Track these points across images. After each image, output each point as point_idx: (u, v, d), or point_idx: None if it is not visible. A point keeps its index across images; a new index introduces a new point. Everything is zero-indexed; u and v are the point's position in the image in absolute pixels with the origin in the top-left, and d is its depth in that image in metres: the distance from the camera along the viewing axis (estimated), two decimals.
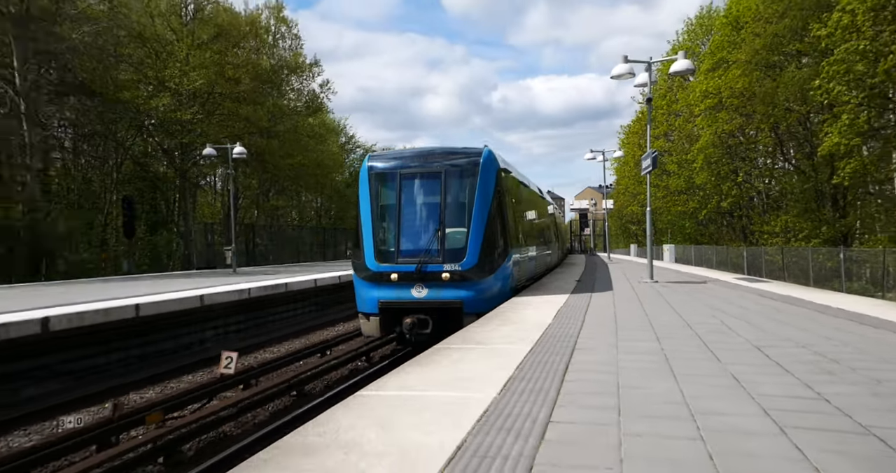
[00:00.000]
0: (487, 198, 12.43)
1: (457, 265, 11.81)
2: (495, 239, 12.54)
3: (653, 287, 16.51)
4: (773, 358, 6.47)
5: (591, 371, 5.98)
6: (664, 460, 3.50)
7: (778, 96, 27.80)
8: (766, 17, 28.48)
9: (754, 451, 3.64)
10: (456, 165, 12.66)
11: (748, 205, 38.59)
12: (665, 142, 42.69)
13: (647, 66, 17.89)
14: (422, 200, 12.78)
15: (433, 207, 12.52)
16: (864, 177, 25.20)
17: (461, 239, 12.13)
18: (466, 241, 12.05)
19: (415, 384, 5.56)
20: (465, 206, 12.37)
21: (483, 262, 12.04)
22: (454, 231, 12.30)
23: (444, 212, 12.33)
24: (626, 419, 4.31)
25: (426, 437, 3.98)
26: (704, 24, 42.54)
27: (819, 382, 5.39)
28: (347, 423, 4.29)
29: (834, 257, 18.90)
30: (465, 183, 12.57)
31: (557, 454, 3.64)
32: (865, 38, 20.04)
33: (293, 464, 3.50)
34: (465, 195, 12.49)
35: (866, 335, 8.17)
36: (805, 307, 11.53)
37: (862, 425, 4.16)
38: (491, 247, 12.33)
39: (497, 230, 12.60)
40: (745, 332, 8.34)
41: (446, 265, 11.87)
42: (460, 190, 12.60)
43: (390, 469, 3.40)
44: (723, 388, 5.18)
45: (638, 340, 7.78)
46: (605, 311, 10.89)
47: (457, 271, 11.80)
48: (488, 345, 7.53)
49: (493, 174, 12.76)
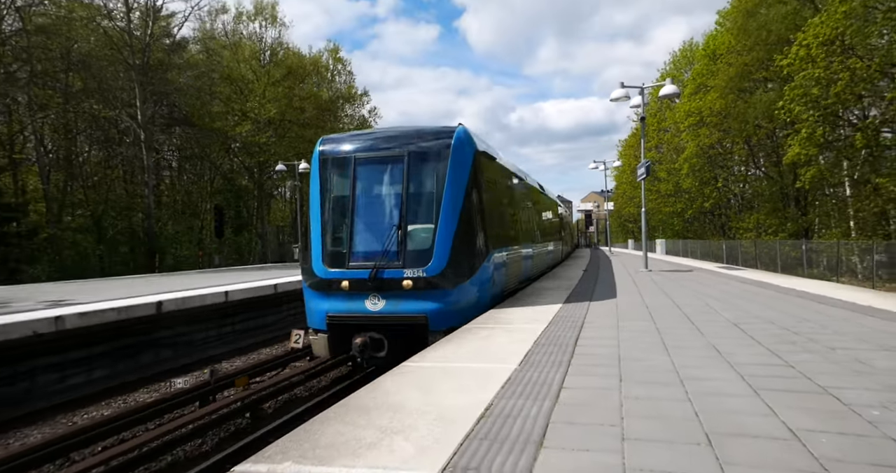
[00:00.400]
0: (461, 186, 8.63)
1: (421, 270, 8.20)
2: (471, 237, 8.76)
3: (647, 275, 16.35)
4: (747, 333, 6.43)
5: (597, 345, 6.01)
6: (658, 417, 3.53)
7: (749, 115, 27.86)
8: (737, 50, 28.58)
9: (733, 409, 3.66)
10: (422, 148, 8.86)
11: (726, 205, 38.38)
12: (656, 153, 42.30)
13: (641, 91, 17.78)
14: (380, 190, 9.04)
15: (394, 199, 8.79)
16: (822, 181, 25.12)
17: (427, 237, 8.44)
18: (433, 240, 8.32)
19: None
20: (434, 197, 8.62)
21: (454, 266, 8.32)
22: (419, 228, 8.63)
23: (406, 204, 8.56)
24: (626, 384, 4.36)
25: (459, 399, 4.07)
26: (687, 56, 42.40)
27: (785, 351, 5.36)
28: (394, 388, 4.39)
29: (797, 248, 18.66)
30: (433, 169, 8.77)
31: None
32: (819, 67, 20.14)
33: (351, 420, 3.62)
34: (434, 183, 8.73)
35: (823, 312, 8.05)
36: (774, 290, 11.35)
37: (820, 386, 4.16)
38: (465, 247, 8.54)
39: (474, 226, 8.85)
40: (724, 311, 8.26)
41: (408, 270, 8.23)
42: (427, 177, 8.83)
43: (431, 425, 3.48)
44: (706, 358, 5.18)
45: (636, 319, 7.77)
46: (608, 307, 10.85)
47: (421, 277, 8.20)
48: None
49: (469, 158, 8.91)
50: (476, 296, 8.77)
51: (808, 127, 20.96)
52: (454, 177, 8.60)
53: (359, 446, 3.13)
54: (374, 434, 3.30)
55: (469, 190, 8.70)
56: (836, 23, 19.29)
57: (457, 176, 8.64)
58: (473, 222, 8.80)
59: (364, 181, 8.93)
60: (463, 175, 8.70)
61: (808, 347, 5.56)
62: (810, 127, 20.93)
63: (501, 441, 3.17)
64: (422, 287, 8.11)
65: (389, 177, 8.88)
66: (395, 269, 8.20)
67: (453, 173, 8.59)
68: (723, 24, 32.90)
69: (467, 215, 8.58)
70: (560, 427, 3.39)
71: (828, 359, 5.01)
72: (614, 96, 17.56)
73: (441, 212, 8.40)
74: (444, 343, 6.28)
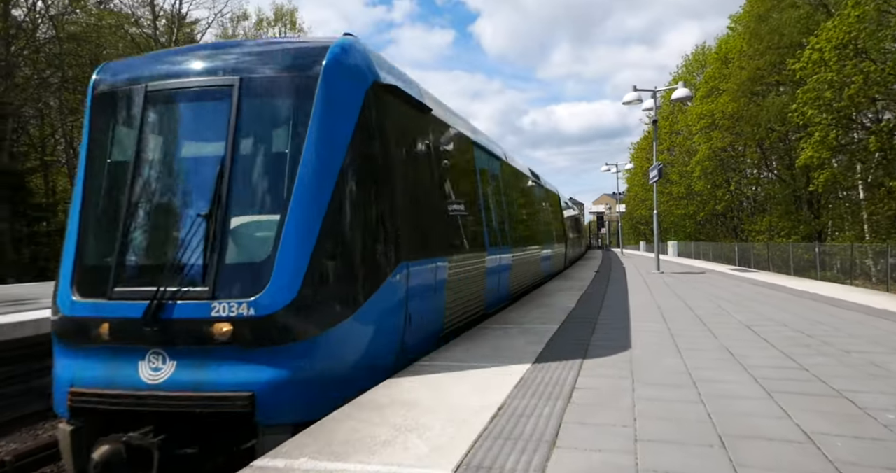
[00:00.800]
0: (337, 146, 4.52)
1: (247, 302, 4.00)
2: (356, 237, 4.64)
3: (660, 276, 16.20)
4: (760, 335, 6.33)
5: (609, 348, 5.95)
6: (671, 419, 3.48)
7: (761, 118, 27.57)
8: (749, 54, 28.23)
9: (746, 411, 3.59)
10: (267, 75, 4.62)
11: (738, 207, 37.97)
12: (668, 156, 42.00)
13: (653, 94, 17.70)
14: (186, 150, 4.91)
15: (207, 166, 4.50)
16: (835, 184, 24.72)
17: (264, 239, 4.31)
18: (275, 245, 4.18)
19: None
20: (284, 164, 4.48)
21: (315, 292, 4.22)
22: (248, 222, 4.52)
23: (228, 175, 4.34)
24: (639, 385, 4.30)
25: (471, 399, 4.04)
26: (699, 60, 42.08)
27: (799, 354, 5.26)
28: (408, 386, 4.36)
29: (810, 251, 18.36)
30: (285, 112, 4.70)
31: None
32: (832, 70, 19.87)
33: (366, 417, 3.61)
34: (287, 139, 4.62)
35: (837, 315, 7.90)
36: (787, 292, 11.18)
37: (835, 389, 4.07)
38: (342, 257, 4.51)
39: (363, 217, 4.73)
40: (737, 313, 8.15)
41: (221, 302, 4.02)
42: (273, 127, 4.83)
43: (444, 423, 3.46)
44: (719, 360, 5.10)
45: (648, 321, 7.68)
46: (620, 303, 10.75)
47: (247, 318, 3.99)
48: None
49: (357, 96, 4.80)
50: (364, 350, 4.59)
51: (822, 130, 20.70)
52: (324, 128, 4.48)
53: (374, 443, 3.11)
54: (389, 432, 3.29)
55: (356, 152, 4.62)
56: (849, 26, 19.02)
57: (329, 127, 4.52)
58: (363, 210, 4.75)
59: (157, 133, 4.82)
60: (342, 125, 4.61)
61: (822, 350, 5.46)
62: (823, 130, 20.67)
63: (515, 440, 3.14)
64: (248, 336, 4.02)
65: (203, 126, 4.82)
66: (197, 301, 4.08)
67: (323, 122, 4.48)
68: (735, 29, 32.61)
69: (350, 197, 4.57)
70: (573, 428, 3.35)
71: (842, 362, 4.91)
72: (627, 100, 17.50)
73: (295, 191, 4.30)
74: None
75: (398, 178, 5.18)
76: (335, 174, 4.48)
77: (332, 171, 4.47)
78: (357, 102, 4.75)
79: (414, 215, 5.48)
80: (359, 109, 4.74)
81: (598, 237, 66.14)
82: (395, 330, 4.97)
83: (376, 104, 4.95)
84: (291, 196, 4.29)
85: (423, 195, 5.89)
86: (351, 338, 4.50)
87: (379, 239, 4.87)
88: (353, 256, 4.64)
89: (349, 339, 4.48)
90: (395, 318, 4.99)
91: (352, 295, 4.49)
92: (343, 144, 4.57)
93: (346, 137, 4.60)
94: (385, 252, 4.88)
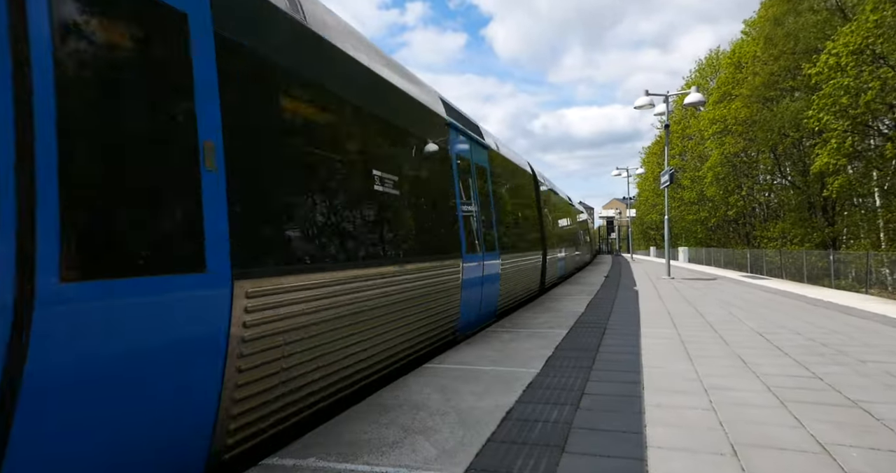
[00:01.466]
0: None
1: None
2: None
3: (670, 282, 16.09)
4: (773, 343, 6.26)
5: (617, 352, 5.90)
6: (681, 426, 3.44)
7: (775, 124, 27.29)
8: (763, 59, 27.99)
9: (759, 420, 3.55)
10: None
11: (751, 214, 37.61)
12: (680, 161, 41.78)
13: (665, 99, 17.63)
14: None
15: None
16: (850, 191, 24.46)
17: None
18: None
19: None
20: None
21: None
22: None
23: None
24: (649, 391, 4.26)
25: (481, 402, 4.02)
26: (712, 64, 41.79)
27: (813, 363, 5.19)
28: (417, 388, 4.36)
29: (824, 258, 18.18)
30: None
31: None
32: (849, 76, 19.66)
33: (374, 418, 3.62)
34: None
35: (852, 323, 7.80)
36: (800, 300, 11.06)
37: (850, 399, 4.01)
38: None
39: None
40: (749, 321, 8.07)
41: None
42: None
43: (452, 426, 3.44)
44: (731, 368, 5.04)
45: (658, 326, 7.62)
46: (629, 307, 10.69)
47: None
48: None
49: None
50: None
51: (838, 136, 20.52)
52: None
53: (382, 444, 3.11)
54: (397, 434, 3.28)
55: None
56: (866, 32, 18.83)
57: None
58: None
59: None
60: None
61: (837, 359, 5.38)
62: (839, 136, 20.49)
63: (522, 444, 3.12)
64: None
65: None
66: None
67: None
68: (748, 34, 32.41)
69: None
70: (582, 433, 3.32)
71: (858, 372, 4.84)
72: (639, 104, 17.45)
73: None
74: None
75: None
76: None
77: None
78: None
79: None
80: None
81: (607, 242, 65.94)
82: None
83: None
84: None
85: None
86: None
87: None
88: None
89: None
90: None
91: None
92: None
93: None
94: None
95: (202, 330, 2.63)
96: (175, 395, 2.53)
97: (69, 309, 2.03)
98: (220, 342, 2.73)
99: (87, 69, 2.21)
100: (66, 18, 2.12)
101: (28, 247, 1.91)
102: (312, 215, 3.63)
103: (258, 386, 3.06)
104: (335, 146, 4.08)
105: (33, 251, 1.92)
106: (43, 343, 1.93)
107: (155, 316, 2.38)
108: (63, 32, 2.11)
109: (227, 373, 2.78)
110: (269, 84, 3.39)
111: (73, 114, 2.11)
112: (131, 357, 2.29)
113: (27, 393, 1.90)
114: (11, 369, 1.86)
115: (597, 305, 10.02)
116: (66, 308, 2.02)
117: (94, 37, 2.24)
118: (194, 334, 2.59)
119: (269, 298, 3.05)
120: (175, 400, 2.53)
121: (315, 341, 3.55)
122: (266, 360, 3.08)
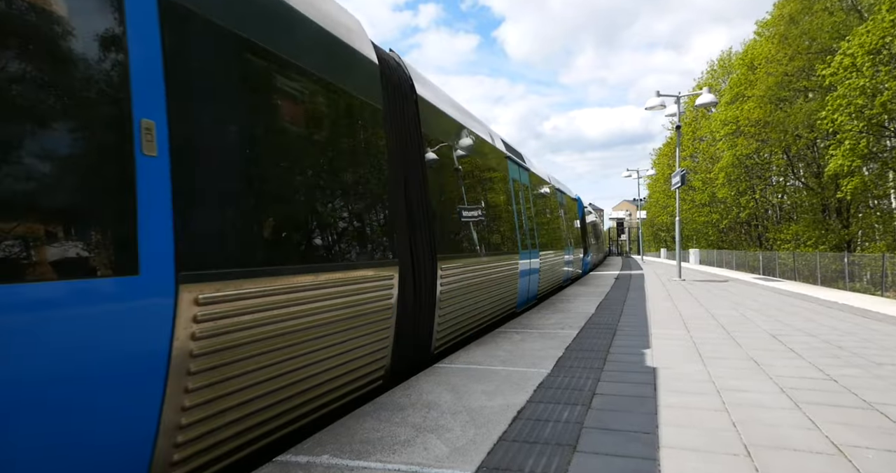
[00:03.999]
0: None
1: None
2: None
3: (681, 284, 16.02)
4: (787, 345, 6.22)
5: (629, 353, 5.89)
6: (694, 427, 3.43)
7: (788, 125, 27.11)
8: (776, 59, 27.80)
9: (772, 422, 3.53)
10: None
11: (763, 216, 37.26)
12: (691, 163, 41.58)
13: (677, 100, 17.55)
14: None
15: None
16: (865, 193, 24.29)
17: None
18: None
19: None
20: None
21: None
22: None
23: None
24: (661, 392, 4.25)
25: (491, 401, 4.03)
26: (725, 65, 41.57)
27: (827, 365, 5.16)
28: (428, 388, 4.37)
29: (838, 261, 18.02)
30: None
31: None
32: (865, 76, 19.51)
33: (386, 417, 3.63)
34: None
35: (868, 326, 7.73)
36: (814, 302, 10.98)
37: (866, 401, 3.98)
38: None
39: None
40: (762, 322, 8.02)
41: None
42: None
43: (464, 425, 3.45)
44: (744, 370, 5.02)
45: (669, 328, 7.59)
46: (638, 307, 10.65)
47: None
48: None
49: None
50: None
51: (852, 137, 20.36)
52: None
53: (394, 443, 3.13)
54: (409, 432, 3.30)
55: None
56: (883, 31, 18.68)
57: None
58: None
59: None
60: None
61: (852, 361, 5.35)
62: (854, 137, 20.33)
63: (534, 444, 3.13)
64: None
65: None
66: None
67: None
68: (762, 34, 32.22)
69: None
70: (593, 433, 3.33)
71: (873, 374, 4.80)
72: (650, 105, 17.40)
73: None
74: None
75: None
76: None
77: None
78: None
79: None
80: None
81: (617, 243, 65.74)
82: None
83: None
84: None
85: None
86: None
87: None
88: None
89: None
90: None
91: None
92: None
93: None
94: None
95: (129, 345, 2.14)
96: (88, 427, 2.02)
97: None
98: (158, 358, 2.26)
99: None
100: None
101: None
102: (294, 211, 3.25)
103: (212, 407, 2.56)
104: (328, 139, 3.68)
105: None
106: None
107: (52, 331, 1.87)
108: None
109: (168, 395, 2.30)
110: (242, 58, 2.88)
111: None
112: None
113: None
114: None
115: (607, 306, 9.99)
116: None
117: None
118: (116, 350, 2.09)
119: (226, 305, 2.58)
120: (89, 434, 2.03)
121: (289, 351, 3.08)
122: (224, 377, 2.60)
